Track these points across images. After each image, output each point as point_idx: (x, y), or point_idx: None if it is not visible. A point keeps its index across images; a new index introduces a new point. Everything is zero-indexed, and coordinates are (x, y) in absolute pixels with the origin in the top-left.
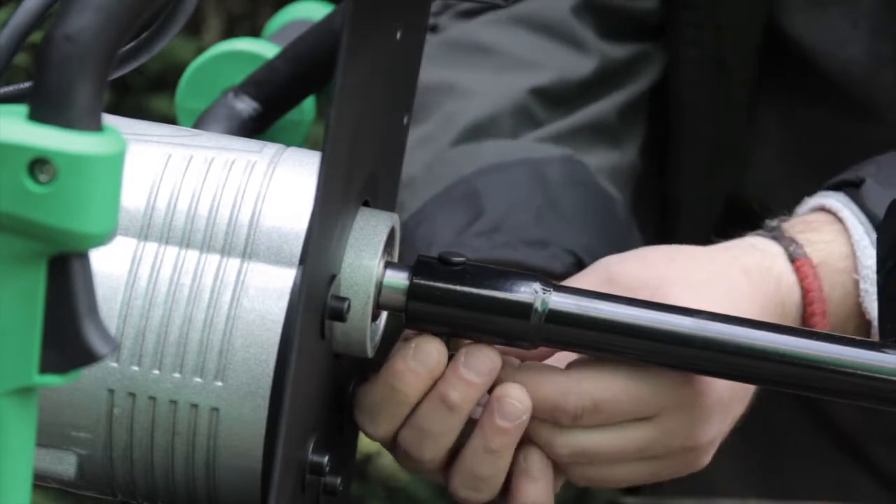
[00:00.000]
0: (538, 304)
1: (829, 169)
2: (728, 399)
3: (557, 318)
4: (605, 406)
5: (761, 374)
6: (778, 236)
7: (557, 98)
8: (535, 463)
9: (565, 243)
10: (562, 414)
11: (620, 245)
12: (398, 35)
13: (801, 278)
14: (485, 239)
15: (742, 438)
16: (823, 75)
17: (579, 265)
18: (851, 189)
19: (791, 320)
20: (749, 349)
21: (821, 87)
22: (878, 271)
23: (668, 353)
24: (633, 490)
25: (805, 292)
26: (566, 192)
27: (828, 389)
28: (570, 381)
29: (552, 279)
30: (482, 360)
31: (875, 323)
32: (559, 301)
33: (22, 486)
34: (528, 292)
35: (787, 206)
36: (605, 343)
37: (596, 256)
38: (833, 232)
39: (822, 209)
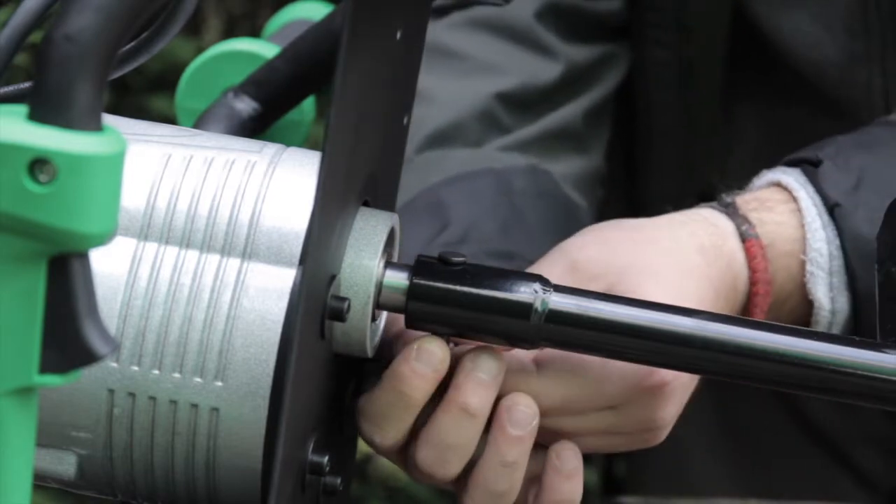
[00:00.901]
0: (538, 304)
1: None
2: (687, 382)
3: (557, 318)
4: (571, 406)
5: (761, 374)
6: (731, 213)
7: (522, 103)
8: (570, 459)
9: (530, 255)
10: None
11: None
12: (398, 35)
13: (750, 258)
14: (451, 250)
15: (723, 439)
16: (799, 74)
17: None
18: (809, 168)
19: (739, 297)
20: (749, 349)
21: (797, 86)
22: (878, 271)
23: (668, 353)
24: (633, 490)
25: (752, 272)
26: (531, 203)
27: (828, 389)
28: (531, 384)
29: None
30: (491, 363)
31: (818, 303)
32: (559, 301)
33: (22, 486)
34: (528, 292)
35: None
36: (605, 343)
37: None
38: (786, 212)
39: (779, 185)
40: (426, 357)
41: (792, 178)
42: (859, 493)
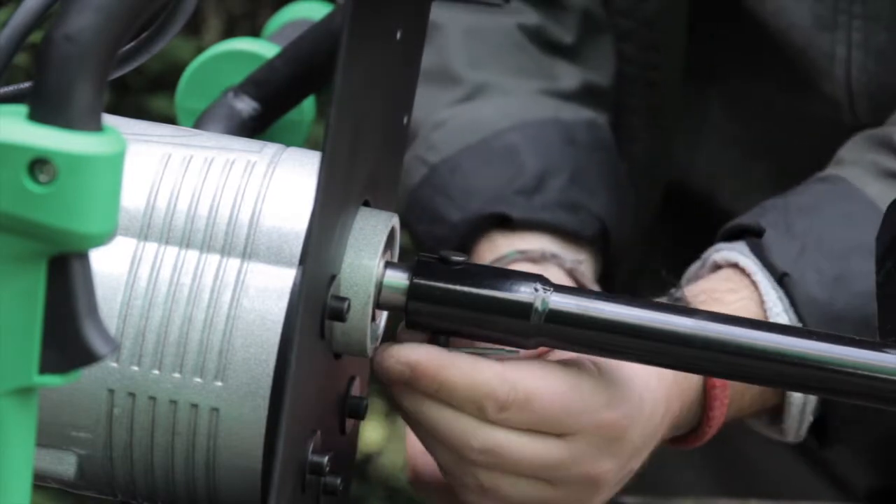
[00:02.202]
0: (538, 304)
1: (771, 156)
2: (641, 445)
3: (557, 317)
4: (535, 403)
5: (761, 374)
6: None
7: (549, 45)
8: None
9: (595, 209)
10: (491, 401)
11: (629, 214)
12: (398, 35)
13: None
14: (524, 197)
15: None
16: (764, 45)
17: (604, 233)
18: (753, 240)
19: (694, 391)
20: (749, 349)
21: (762, 58)
22: (878, 272)
23: (668, 353)
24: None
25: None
26: (593, 157)
27: (828, 389)
28: (508, 371)
29: (580, 243)
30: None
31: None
32: (559, 301)
33: (22, 486)
34: (528, 292)
35: (733, 194)
36: (605, 343)
37: (616, 224)
38: (738, 301)
39: (732, 266)
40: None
41: (740, 254)
42: (836, 494)
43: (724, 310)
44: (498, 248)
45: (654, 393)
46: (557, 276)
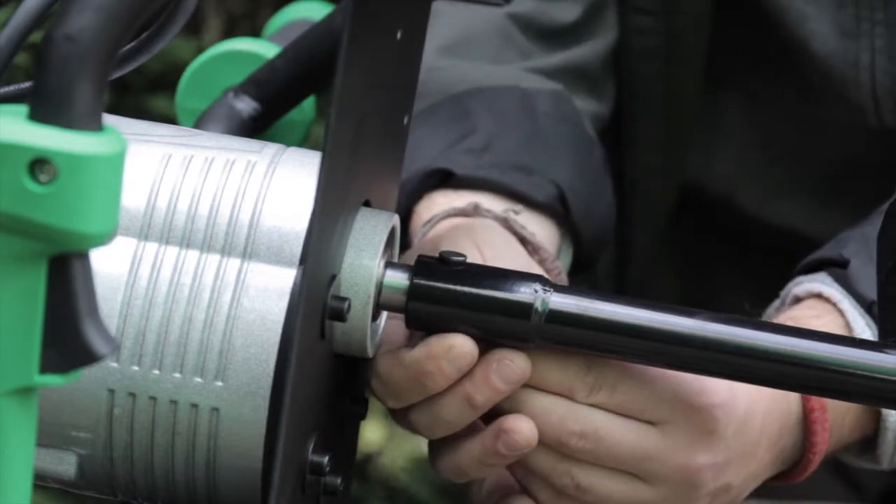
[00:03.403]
0: (538, 304)
1: (791, 160)
2: (738, 453)
3: (558, 317)
4: (624, 384)
5: (761, 374)
6: None
7: (539, 32)
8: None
9: (550, 174)
10: (580, 383)
11: (597, 188)
12: (398, 35)
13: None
14: (472, 156)
15: None
16: (787, 52)
17: (561, 198)
18: (838, 271)
19: (794, 415)
20: (749, 349)
21: (784, 66)
22: (879, 272)
23: (668, 353)
24: None
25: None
26: (553, 126)
27: (828, 389)
28: (594, 358)
29: (532, 208)
30: (513, 370)
31: (884, 413)
32: (559, 301)
33: (22, 486)
34: (528, 292)
35: (752, 198)
36: (605, 343)
37: (577, 193)
38: (826, 326)
39: (816, 296)
40: (456, 359)
41: (822, 284)
42: (848, 495)
43: None
44: (436, 207)
45: (747, 394)
46: (491, 226)
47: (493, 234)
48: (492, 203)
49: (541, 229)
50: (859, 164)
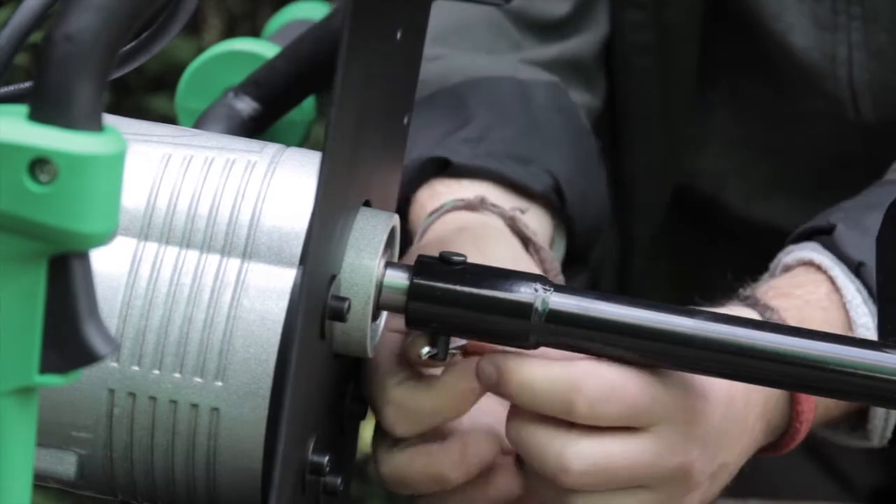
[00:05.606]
0: (539, 304)
1: (775, 156)
2: (725, 431)
3: (558, 317)
4: (619, 392)
5: (761, 374)
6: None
7: (531, 25)
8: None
9: (547, 164)
10: (580, 395)
11: (592, 180)
12: (398, 35)
13: None
14: (469, 146)
15: None
16: (767, 46)
17: (557, 189)
18: (824, 237)
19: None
20: (749, 349)
21: (765, 60)
22: (878, 272)
23: (668, 353)
24: None
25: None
26: (550, 117)
27: (828, 389)
28: (587, 364)
29: (530, 198)
30: (483, 449)
31: None
32: (559, 301)
33: (22, 486)
34: (528, 292)
35: (739, 196)
36: (605, 343)
37: (572, 184)
38: (814, 293)
39: (802, 264)
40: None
41: (812, 251)
42: (839, 493)
43: (794, 303)
44: (439, 197)
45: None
46: (497, 225)
47: (497, 235)
48: (497, 197)
49: (538, 223)
50: (843, 159)
